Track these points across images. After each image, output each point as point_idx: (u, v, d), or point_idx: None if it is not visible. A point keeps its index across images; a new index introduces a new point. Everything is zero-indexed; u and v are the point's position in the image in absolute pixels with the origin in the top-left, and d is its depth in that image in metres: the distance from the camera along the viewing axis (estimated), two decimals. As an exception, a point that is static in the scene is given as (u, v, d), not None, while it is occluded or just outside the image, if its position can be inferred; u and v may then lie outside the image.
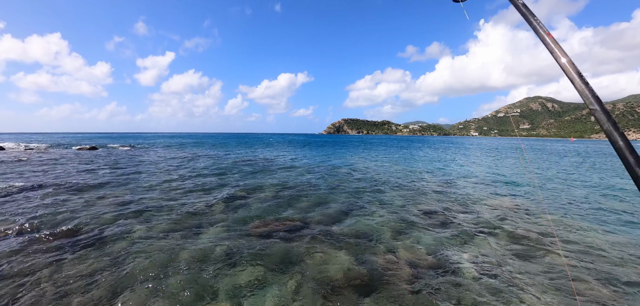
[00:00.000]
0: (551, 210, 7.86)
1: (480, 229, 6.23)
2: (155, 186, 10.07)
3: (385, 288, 3.92)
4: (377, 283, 4.02)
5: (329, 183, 11.18)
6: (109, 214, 6.81)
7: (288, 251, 5.00)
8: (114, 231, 5.74)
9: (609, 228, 6.39)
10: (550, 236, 5.79)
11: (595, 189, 10.95)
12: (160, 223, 6.21)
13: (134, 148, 28.91)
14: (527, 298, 3.70)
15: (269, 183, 11.14)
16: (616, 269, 4.45)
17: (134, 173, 13.20)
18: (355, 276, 4.18)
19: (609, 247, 5.29)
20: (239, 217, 6.75)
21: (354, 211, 7.38)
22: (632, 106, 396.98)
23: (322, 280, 4.06)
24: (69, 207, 7.28)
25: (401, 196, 9.10)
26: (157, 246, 5.08)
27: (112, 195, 8.65)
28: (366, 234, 5.79)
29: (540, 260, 4.74)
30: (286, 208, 7.66)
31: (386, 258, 4.74)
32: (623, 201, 9.08)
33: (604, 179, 13.66)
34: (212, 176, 12.40)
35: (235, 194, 8.90)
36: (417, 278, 4.14)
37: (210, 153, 25.35)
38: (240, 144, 41.64)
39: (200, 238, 5.46)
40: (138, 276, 4.08)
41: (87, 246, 5.03)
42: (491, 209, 7.89)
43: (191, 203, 7.94)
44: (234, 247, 5.07)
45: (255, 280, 4.08)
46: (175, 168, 15.26)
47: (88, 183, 10.39)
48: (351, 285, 3.97)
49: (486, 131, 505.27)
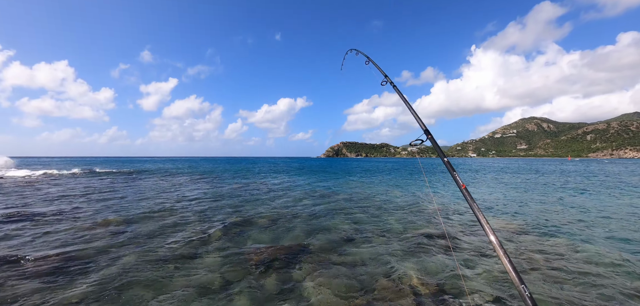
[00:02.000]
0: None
1: (483, 252, 6.07)
2: (150, 213, 9.89)
3: (387, 317, 3.75)
4: (379, 312, 3.86)
5: (327, 209, 11.02)
6: (100, 241, 6.63)
7: (286, 279, 4.84)
8: (104, 259, 5.56)
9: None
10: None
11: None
12: (154, 251, 6.03)
13: (132, 173, 28.73)
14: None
15: (266, 209, 10.97)
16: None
17: (129, 198, 13.01)
18: (355, 303, 4.01)
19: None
20: (235, 245, 6.58)
21: (353, 237, 7.22)
22: (627, 125, 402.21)
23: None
24: (59, 234, 7.10)
25: (401, 221, 8.95)
26: (149, 275, 4.90)
27: (104, 222, 8.46)
28: (365, 261, 5.62)
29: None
30: (283, 234, 7.49)
31: (386, 284, 4.57)
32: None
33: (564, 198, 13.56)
34: (208, 203, 12.22)
35: (231, 222, 8.73)
36: (419, 305, 3.98)
37: (207, 177, 25.18)
38: (238, 168, 41.47)
39: (195, 267, 5.28)
40: (130, 305, 3.90)
41: (77, 274, 4.85)
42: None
43: (186, 230, 7.76)
44: (230, 275, 4.90)
45: (251, 311, 3.90)
46: (171, 193, 15.08)
47: (80, 209, 10.20)
48: (351, 315, 3.80)
49: (484, 152, 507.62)
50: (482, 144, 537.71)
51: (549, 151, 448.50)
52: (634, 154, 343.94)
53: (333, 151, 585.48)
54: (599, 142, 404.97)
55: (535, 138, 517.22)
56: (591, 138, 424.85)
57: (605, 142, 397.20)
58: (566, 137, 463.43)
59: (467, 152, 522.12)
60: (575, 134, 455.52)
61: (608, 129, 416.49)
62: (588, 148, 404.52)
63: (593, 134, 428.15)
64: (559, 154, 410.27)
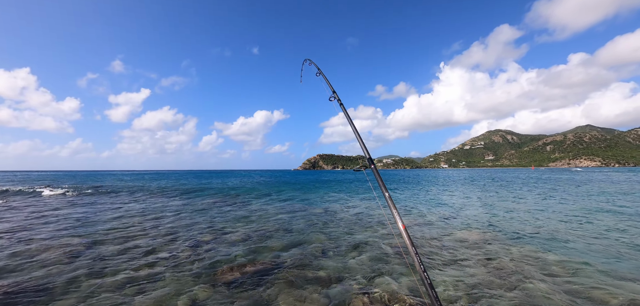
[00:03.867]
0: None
1: (449, 262, 6.26)
2: (113, 231, 9.31)
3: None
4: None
5: (301, 224, 10.91)
6: (56, 264, 6.12)
7: (259, 296, 4.71)
8: (61, 284, 5.13)
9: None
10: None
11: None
12: (117, 274, 5.66)
13: (94, 188, 26.95)
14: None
15: (238, 224, 10.69)
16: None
17: (88, 218, 12.19)
18: (328, 321, 3.96)
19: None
20: (205, 263, 6.32)
21: (328, 252, 7.20)
22: (581, 137, 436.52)
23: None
24: (13, 258, 6.47)
25: (375, 235, 9.04)
26: (113, 298, 4.58)
27: (60, 243, 7.84)
28: (340, 276, 5.60)
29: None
30: (256, 250, 7.32)
31: (362, 300, 4.57)
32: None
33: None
34: (176, 219, 11.71)
35: (201, 239, 8.41)
36: (391, 319, 4.00)
37: (176, 193, 24.20)
38: (211, 182, 40.18)
39: (161, 289, 5.00)
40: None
41: (32, 301, 4.43)
42: (459, 241, 8.02)
43: (152, 250, 7.37)
44: (200, 296, 4.68)
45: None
46: (136, 210, 14.31)
47: (34, 230, 9.39)
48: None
49: (455, 163, 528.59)
50: (453, 155, 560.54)
51: (513, 161, 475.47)
52: (588, 163, 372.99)
53: (310, 163, 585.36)
54: (558, 153, 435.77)
55: (501, 149, 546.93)
56: (550, 149, 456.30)
57: (563, 153, 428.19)
58: (528, 148, 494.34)
59: (440, 163, 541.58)
60: (537, 145, 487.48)
61: (565, 140, 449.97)
62: (548, 158, 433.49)
63: (552, 145, 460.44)
64: (523, 164, 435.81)
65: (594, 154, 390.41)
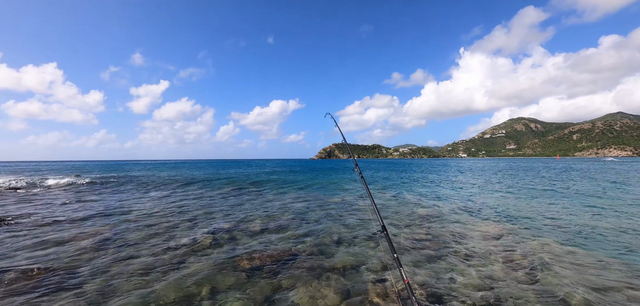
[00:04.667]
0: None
1: (472, 256, 6.15)
2: (137, 220, 9.73)
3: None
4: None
5: (318, 213, 10.99)
6: (86, 250, 6.49)
7: (276, 284, 4.81)
8: (91, 268, 5.44)
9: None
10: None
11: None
12: (141, 259, 5.93)
13: (119, 178, 28.18)
14: None
15: (257, 214, 10.90)
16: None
17: (115, 206, 12.77)
18: (344, 310, 4.01)
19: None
20: (225, 251, 6.51)
21: (344, 241, 7.23)
22: (611, 125, 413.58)
23: (310, 317, 3.88)
24: (45, 244, 6.91)
25: (392, 225, 9.00)
26: (137, 282, 4.82)
27: (89, 231, 8.28)
28: (356, 265, 5.63)
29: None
30: (274, 240, 7.45)
31: (376, 289, 4.59)
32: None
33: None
34: (197, 209, 12.06)
35: (221, 228, 8.64)
36: (408, 310, 4.00)
37: (197, 182, 24.90)
38: (229, 172, 41.09)
39: (183, 275, 5.20)
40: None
41: (63, 284, 4.72)
42: (482, 235, 7.86)
43: (174, 237, 7.65)
44: (220, 282, 4.84)
45: (239, 320, 3.86)
46: (159, 199, 14.86)
47: (63, 217, 9.95)
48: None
49: (474, 152, 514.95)
50: (472, 144, 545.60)
51: (537, 150, 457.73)
52: (618, 153, 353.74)
53: (325, 152, 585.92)
54: (585, 142, 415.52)
55: (523, 138, 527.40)
56: (577, 138, 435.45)
57: (591, 142, 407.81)
58: (553, 137, 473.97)
59: (458, 152, 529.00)
60: (562, 134, 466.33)
61: (593, 128, 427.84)
62: (574, 148, 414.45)
63: (579, 134, 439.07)
64: (547, 154, 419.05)
65: (625, 143, 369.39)
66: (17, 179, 24.70)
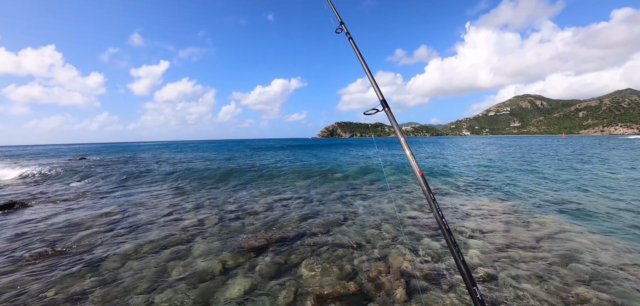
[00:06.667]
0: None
1: (470, 233, 6.25)
2: (145, 202, 9.93)
3: (378, 297, 3.90)
4: (372, 293, 4.01)
5: (321, 192, 11.12)
6: (97, 231, 6.69)
7: (282, 263, 4.96)
8: (102, 248, 5.62)
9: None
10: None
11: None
12: (150, 239, 6.10)
13: (125, 160, 28.54)
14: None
15: (261, 193, 11.05)
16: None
17: (123, 187, 13.00)
18: (349, 285, 4.14)
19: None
20: (231, 231, 6.67)
21: (347, 220, 7.36)
22: (619, 102, 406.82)
23: (316, 290, 4.02)
24: (56, 225, 7.12)
25: (396, 204, 9.11)
26: (147, 262, 4.99)
27: (99, 212, 8.49)
28: (360, 243, 5.76)
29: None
30: (279, 219, 7.60)
31: (379, 267, 4.71)
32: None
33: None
34: (202, 190, 12.25)
35: (226, 208, 8.80)
36: (410, 287, 4.13)
37: (200, 163, 25.12)
38: (232, 153, 41.35)
39: (191, 254, 5.37)
40: (131, 292, 4.01)
41: (75, 264, 4.91)
42: (482, 213, 7.95)
43: (181, 218, 7.83)
44: (227, 261, 5.00)
45: (248, 293, 4.02)
46: (165, 180, 15.07)
47: (73, 200, 10.19)
48: (345, 295, 3.94)
49: (478, 130, 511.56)
50: (476, 122, 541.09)
51: (541, 128, 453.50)
52: (624, 130, 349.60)
53: (328, 131, 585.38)
54: (591, 119, 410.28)
55: (528, 116, 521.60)
56: (583, 115, 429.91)
57: (597, 119, 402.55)
58: (559, 115, 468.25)
59: (461, 130, 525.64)
60: (568, 111, 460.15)
61: (600, 106, 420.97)
62: (580, 125, 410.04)
63: (585, 111, 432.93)
64: (552, 132, 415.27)
65: (632, 120, 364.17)
66: (23, 164, 25.09)
